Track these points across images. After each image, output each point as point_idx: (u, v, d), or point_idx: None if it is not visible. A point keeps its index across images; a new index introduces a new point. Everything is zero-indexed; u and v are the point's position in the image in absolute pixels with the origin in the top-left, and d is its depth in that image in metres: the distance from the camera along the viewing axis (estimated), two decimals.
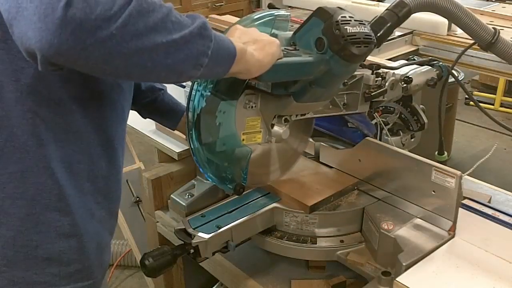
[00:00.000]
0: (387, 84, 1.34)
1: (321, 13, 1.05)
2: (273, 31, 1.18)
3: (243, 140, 1.17)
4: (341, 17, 1.04)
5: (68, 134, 0.97)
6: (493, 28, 1.43)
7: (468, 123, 4.14)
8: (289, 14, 1.24)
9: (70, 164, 0.98)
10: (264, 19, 1.20)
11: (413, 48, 2.43)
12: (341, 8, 1.07)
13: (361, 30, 1.03)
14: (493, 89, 4.51)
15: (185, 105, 1.45)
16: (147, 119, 1.50)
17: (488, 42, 1.42)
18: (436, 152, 1.57)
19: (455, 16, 1.40)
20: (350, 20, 1.04)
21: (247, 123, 1.16)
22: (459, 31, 2.36)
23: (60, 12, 0.70)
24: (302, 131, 1.41)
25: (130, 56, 0.76)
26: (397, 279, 1.04)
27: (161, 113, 1.46)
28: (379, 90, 1.32)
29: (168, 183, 1.65)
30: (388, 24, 1.33)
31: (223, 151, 1.19)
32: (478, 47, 1.48)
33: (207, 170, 1.21)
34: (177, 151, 1.65)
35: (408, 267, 1.08)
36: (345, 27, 1.02)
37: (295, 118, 1.23)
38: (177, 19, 0.81)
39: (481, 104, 1.75)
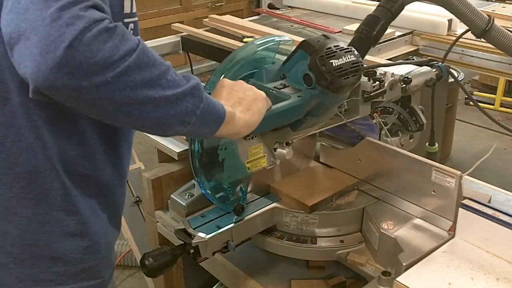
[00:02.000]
0: (386, 84, 1.34)
1: (306, 47, 1.05)
2: (271, 64, 1.20)
3: (249, 168, 1.17)
4: (326, 49, 1.03)
5: (71, 139, 0.97)
6: (487, 15, 1.40)
7: (468, 123, 4.14)
8: (292, 40, 1.26)
9: (75, 168, 0.99)
10: (268, 45, 1.23)
11: (413, 48, 2.42)
12: (326, 37, 1.07)
13: (347, 60, 1.03)
14: (493, 89, 4.51)
15: None
16: None
17: (482, 29, 1.39)
18: (427, 143, 1.56)
19: (449, 3, 1.38)
20: (336, 52, 1.03)
21: (250, 152, 1.16)
22: (459, 31, 2.36)
23: (62, 51, 0.72)
24: (306, 149, 1.42)
25: (120, 104, 0.79)
26: (397, 279, 1.04)
27: None
28: (378, 91, 1.32)
29: (168, 183, 1.65)
30: (382, 22, 1.31)
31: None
32: (473, 42, 1.45)
33: (211, 196, 1.24)
34: (177, 151, 1.65)
35: (408, 267, 1.08)
36: (331, 61, 1.02)
37: (297, 139, 1.23)
38: (173, 77, 0.84)
39: (481, 104, 1.75)
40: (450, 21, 2.34)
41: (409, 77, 1.38)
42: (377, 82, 1.31)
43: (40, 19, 0.73)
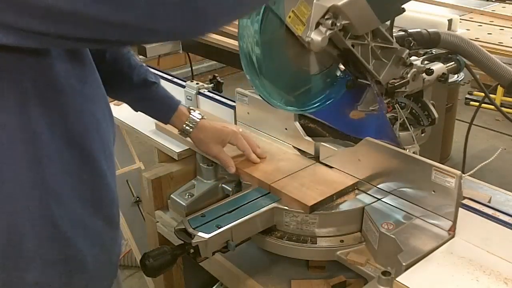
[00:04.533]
0: (409, 75, 1.35)
1: None
2: None
3: (289, 17, 1.19)
4: None
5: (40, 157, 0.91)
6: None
7: (468, 123, 4.13)
8: None
9: (49, 184, 0.93)
10: None
11: None
12: None
13: None
14: (493, 89, 4.51)
15: (180, 100, 1.44)
16: (140, 113, 1.46)
17: (510, 82, 1.51)
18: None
19: (478, 60, 1.51)
20: None
21: (299, 5, 1.19)
22: (459, 31, 2.37)
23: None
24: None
25: None
26: (397, 279, 1.04)
27: (154, 107, 1.43)
28: (402, 81, 1.33)
29: (168, 183, 1.65)
30: (423, 32, 1.45)
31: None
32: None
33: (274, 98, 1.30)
34: (177, 151, 1.65)
35: (408, 267, 1.08)
36: None
37: (337, 29, 1.23)
38: None
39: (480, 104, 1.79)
40: (450, 21, 2.34)
41: (431, 68, 1.39)
42: (409, 52, 1.35)
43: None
